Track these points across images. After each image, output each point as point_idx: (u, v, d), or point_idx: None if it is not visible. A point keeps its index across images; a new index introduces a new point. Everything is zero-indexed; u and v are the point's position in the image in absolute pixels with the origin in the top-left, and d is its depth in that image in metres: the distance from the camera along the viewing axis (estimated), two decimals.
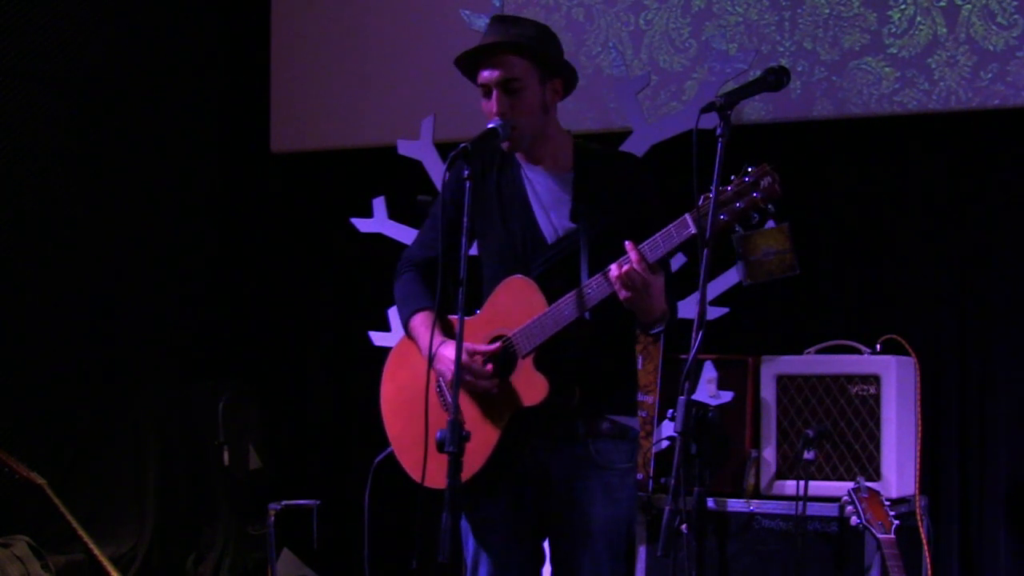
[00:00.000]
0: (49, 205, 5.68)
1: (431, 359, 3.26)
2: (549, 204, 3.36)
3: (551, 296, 3.23)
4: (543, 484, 3.33)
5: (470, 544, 3.42)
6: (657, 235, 3.10)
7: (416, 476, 3.38)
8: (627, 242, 3.10)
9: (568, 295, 3.20)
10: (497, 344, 3.28)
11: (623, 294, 3.11)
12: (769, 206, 2.98)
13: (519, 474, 3.34)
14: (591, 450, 3.31)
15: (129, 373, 5.95)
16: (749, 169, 2.99)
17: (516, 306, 3.26)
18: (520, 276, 3.30)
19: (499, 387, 3.27)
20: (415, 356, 3.44)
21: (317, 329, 6.24)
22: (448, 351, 3.28)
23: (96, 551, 4.82)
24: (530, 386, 3.23)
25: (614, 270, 3.10)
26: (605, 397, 3.33)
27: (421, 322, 3.43)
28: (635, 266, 3.07)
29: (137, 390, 5.92)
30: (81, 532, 4.80)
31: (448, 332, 3.38)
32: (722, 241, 3.22)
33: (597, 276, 3.17)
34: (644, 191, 3.36)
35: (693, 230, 3.04)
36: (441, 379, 3.35)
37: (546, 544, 3.46)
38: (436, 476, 3.19)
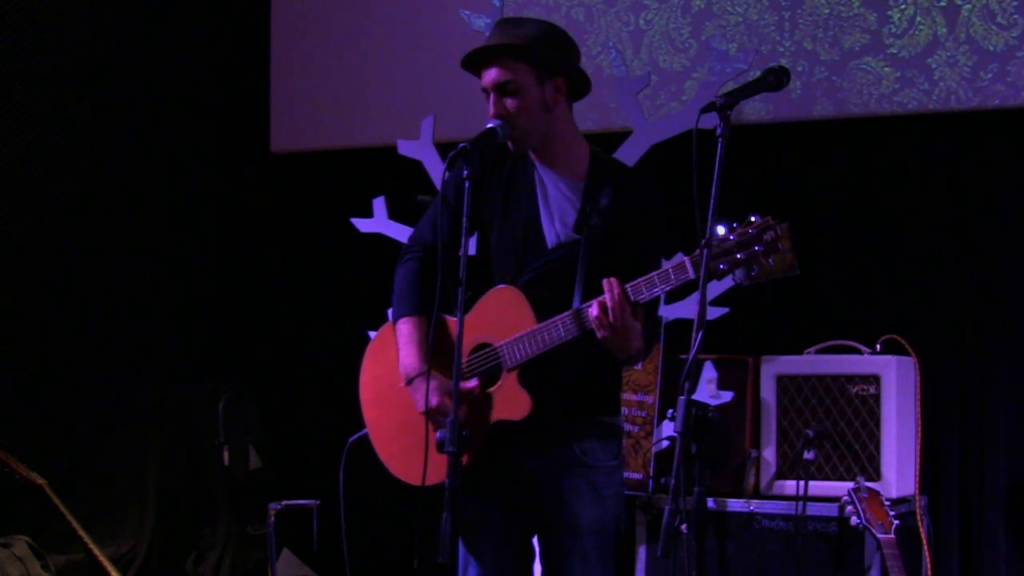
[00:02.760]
0: (49, 205, 5.68)
1: (429, 383, 3.24)
2: (556, 209, 3.35)
3: (538, 305, 3.22)
4: (531, 484, 3.34)
5: (460, 544, 3.42)
6: (653, 274, 3.09)
7: (390, 467, 3.42)
8: (605, 281, 3.09)
9: (560, 317, 3.19)
10: (475, 383, 3.27)
11: (600, 333, 3.12)
12: (770, 260, 2.97)
13: (506, 475, 3.34)
14: (577, 450, 3.32)
15: (129, 373, 5.95)
16: (753, 220, 2.97)
17: (503, 316, 3.26)
18: (509, 286, 3.29)
19: (483, 397, 3.27)
20: (395, 350, 3.43)
21: (317, 329, 6.24)
22: (419, 392, 3.26)
23: (96, 551, 4.82)
24: (513, 401, 3.24)
25: (595, 309, 3.10)
26: (590, 400, 3.34)
27: (407, 331, 3.39)
28: (610, 310, 3.07)
29: (137, 390, 5.92)
30: (81, 532, 4.80)
31: (436, 337, 3.38)
32: None
33: (592, 303, 3.15)
34: (654, 213, 3.34)
35: (691, 275, 3.04)
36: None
37: (535, 541, 3.47)
38: (414, 470, 3.21)
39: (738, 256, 2.96)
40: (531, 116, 3.31)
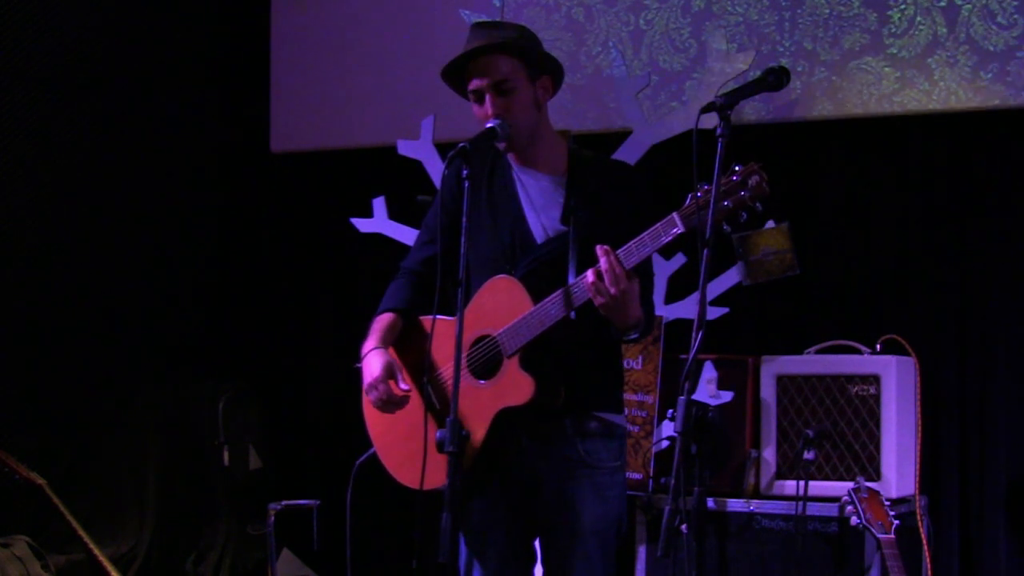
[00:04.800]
0: (49, 205, 5.68)
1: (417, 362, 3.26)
2: (540, 206, 3.37)
3: (536, 296, 3.23)
4: (533, 485, 3.34)
5: (463, 547, 3.42)
6: (644, 234, 3.10)
7: (399, 476, 3.42)
8: (599, 247, 3.10)
9: (553, 295, 3.20)
10: (408, 388, 3.32)
11: (598, 300, 3.12)
12: (757, 204, 2.99)
13: (509, 476, 3.34)
14: (580, 450, 3.32)
15: (129, 373, 5.95)
16: (737, 168, 2.99)
17: (501, 306, 3.27)
18: (504, 276, 3.30)
19: (486, 386, 3.28)
20: (395, 357, 3.45)
21: (317, 329, 6.24)
22: (372, 363, 3.34)
23: (96, 551, 4.82)
24: (515, 386, 3.23)
25: (590, 276, 3.11)
26: (592, 395, 3.34)
27: (377, 324, 3.47)
28: (605, 274, 3.08)
29: (137, 390, 5.92)
30: (81, 532, 4.80)
31: (413, 335, 3.44)
32: (721, 240, 3.22)
33: (583, 276, 3.17)
34: (637, 199, 3.36)
35: (681, 228, 3.04)
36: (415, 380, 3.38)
37: (536, 543, 3.47)
38: (417, 475, 3.22)
39: (725, 204, 2.97)
40: (526, 114, 3.34)
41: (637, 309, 3.17)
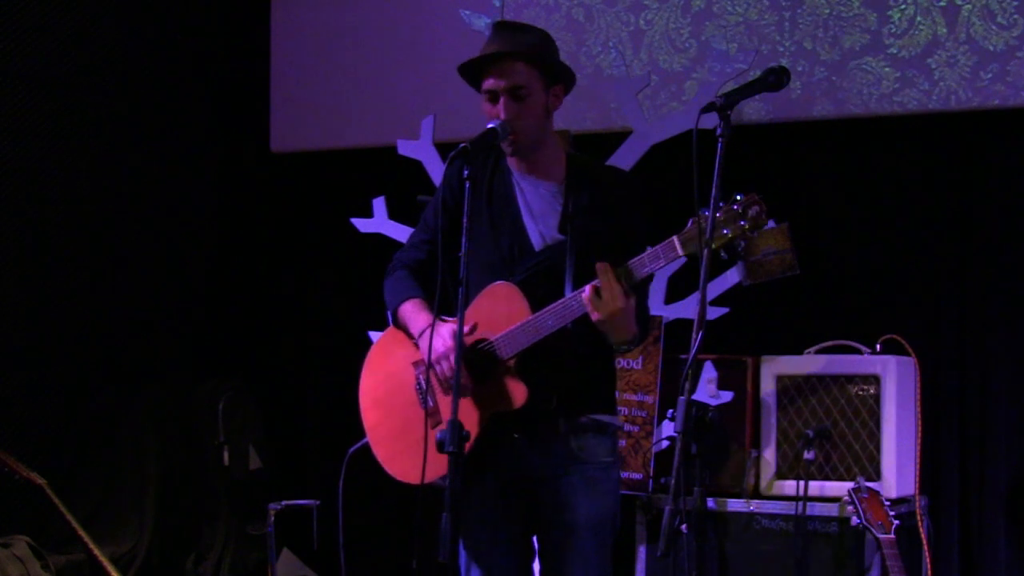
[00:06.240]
0: (49, 205, 5.69)
1: (431, 333, 3.27)
2: (539, 213, 3.40)
3: (533, 302, 3.25)
4: (528, 482, 3.37)
5: (461, 545, 3.44)
6: (644, 255, 3.14)
7: (390, 470, 3.43)
8: (598, 264, 3.13)
9: (551, 306, 3.23)
10: (473, 336, 3.30)
11: (595, 316, 3.15)
12: (755, 233, 3.02)
13: (503, 473, 3.36)
14: (573, 446, 3.35)
15: (129, 373, 5.95)
16: (738, 197, 3.03)
17: (499, 311, 3.30)
18: (504, 282, 3.33)
19: (479, 389, 3.29)
20: (398, 350, 3.47)
21: (317, 329, 6.24)
22: (425, 342, 3.30)
23: (96, 551, 4.82)
24: (510, 391, 3.27)
25: (588, 291, 3.14)
26: (585, 398, 3.37)
27: (412, 306, 3.45)
28: (604, 291, 3.11)
29: (137, 390, 5.92)
30: (81, 532, 4.80)
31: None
32: None
33: (581, 290, 3.19)
34: (633, 208, 3.40)
35: (680, 253, 3.07)
36: (420, 372, 3.37)
37: (535, 540, 3.48)
38: (413, 471, 3.22)
39: (724, 232, 3.00)
40: (536, 120, 3.37)
41: (633, 325, 3.21)
